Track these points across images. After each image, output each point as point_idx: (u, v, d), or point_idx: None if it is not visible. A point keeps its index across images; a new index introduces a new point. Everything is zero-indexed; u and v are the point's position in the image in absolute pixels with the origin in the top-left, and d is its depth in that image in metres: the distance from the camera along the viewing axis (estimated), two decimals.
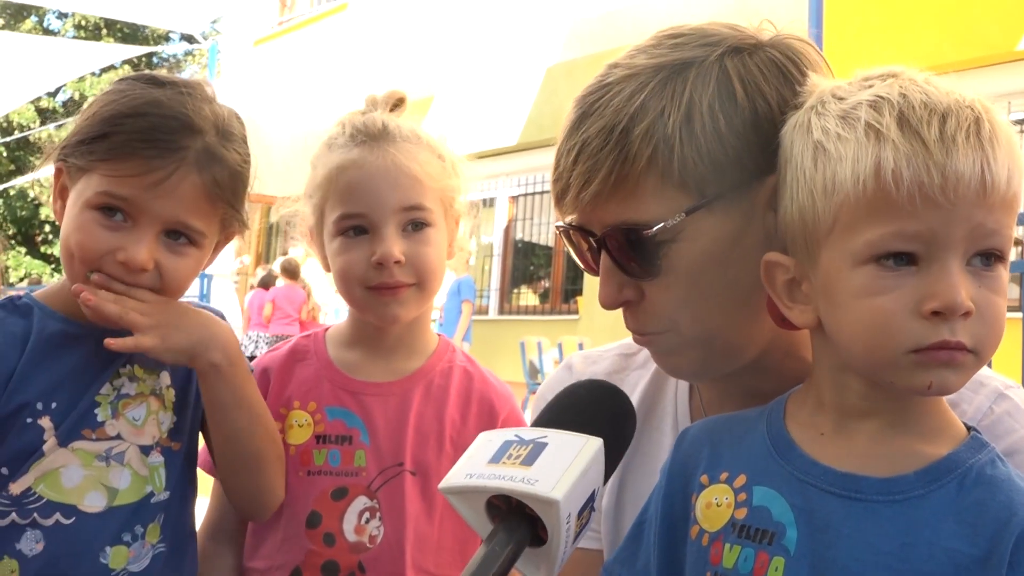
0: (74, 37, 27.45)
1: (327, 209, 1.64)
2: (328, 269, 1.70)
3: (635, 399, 1.36)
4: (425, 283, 1.65)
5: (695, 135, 1.15)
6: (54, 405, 1.41)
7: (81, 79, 26.12)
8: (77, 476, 1.41)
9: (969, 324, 1.00)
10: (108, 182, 1.40)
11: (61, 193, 1.48)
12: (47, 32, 28.80)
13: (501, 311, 13.75)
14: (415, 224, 1.63)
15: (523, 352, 11.20)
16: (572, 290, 12.90)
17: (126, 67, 27.92)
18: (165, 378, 1.51)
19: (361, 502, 1.63)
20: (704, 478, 1.14)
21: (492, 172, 12.89)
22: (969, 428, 1.10)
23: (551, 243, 13.55)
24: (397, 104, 1.74)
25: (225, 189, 1.45)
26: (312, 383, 1.70)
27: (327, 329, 1.80)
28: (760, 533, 1.06)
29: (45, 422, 1.41)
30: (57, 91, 27.30)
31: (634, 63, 1.20)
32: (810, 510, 1.05)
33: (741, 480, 1.11)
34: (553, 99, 12.44)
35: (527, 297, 14.05)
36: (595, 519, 1.39)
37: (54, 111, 28.67)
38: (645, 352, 1.41)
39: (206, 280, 12.49)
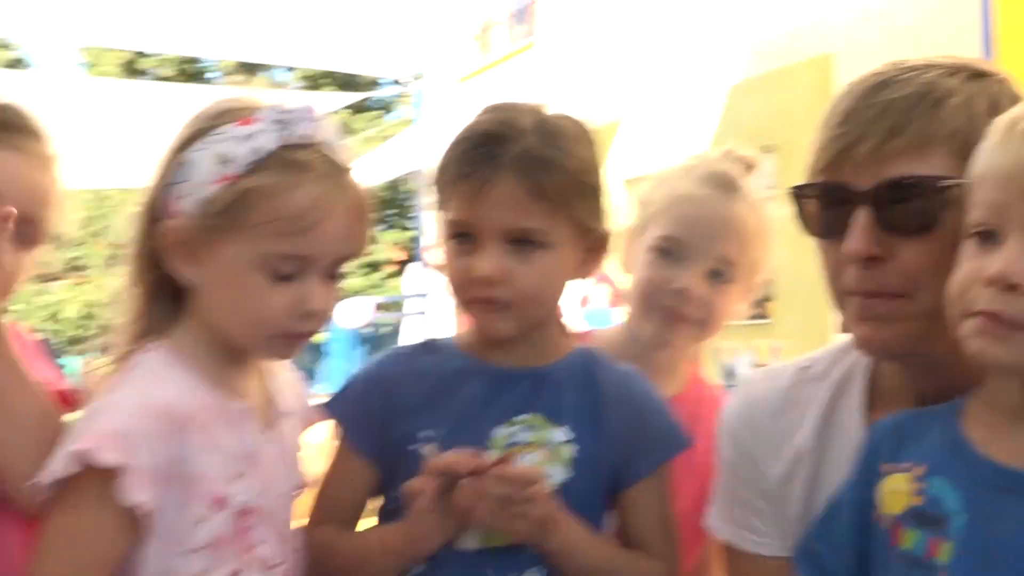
0: (300, 88, 29.67)
1: (652, 223, 1.79)
2: (629, 270, 1.84)
3: (814, 411, 1.42)
4: (710, 326, 1.81)
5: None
6: (438, 437, 1.41)
7: None
8: None
9: None
10: (448, 212, 1.44)
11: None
12: (277, 85, 31.13)
13: None
14: (716, 273, 1.76)
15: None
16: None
17: (345, 111, 29.93)
18: (562, 434, 1.43)
19: None
20: (888, 467, 1.19)
21: None
22: None
23: None
24: (748, 167, 1.85)
25: (552, 191, 1.38)
26: None
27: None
28: (933, 519, 1.11)
29: (428, 451, 1.41)
30: None
31: (920, 64, 1.28)
32: (978, 502, 1.09)
33: (921, 470, 1.15)
34: (738, 116, 11.98)
35: None
36: (785, 529, 1.40)
37: None
38: (822, 365, 1.47)
39: None
